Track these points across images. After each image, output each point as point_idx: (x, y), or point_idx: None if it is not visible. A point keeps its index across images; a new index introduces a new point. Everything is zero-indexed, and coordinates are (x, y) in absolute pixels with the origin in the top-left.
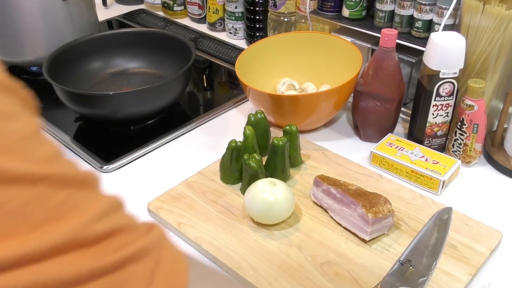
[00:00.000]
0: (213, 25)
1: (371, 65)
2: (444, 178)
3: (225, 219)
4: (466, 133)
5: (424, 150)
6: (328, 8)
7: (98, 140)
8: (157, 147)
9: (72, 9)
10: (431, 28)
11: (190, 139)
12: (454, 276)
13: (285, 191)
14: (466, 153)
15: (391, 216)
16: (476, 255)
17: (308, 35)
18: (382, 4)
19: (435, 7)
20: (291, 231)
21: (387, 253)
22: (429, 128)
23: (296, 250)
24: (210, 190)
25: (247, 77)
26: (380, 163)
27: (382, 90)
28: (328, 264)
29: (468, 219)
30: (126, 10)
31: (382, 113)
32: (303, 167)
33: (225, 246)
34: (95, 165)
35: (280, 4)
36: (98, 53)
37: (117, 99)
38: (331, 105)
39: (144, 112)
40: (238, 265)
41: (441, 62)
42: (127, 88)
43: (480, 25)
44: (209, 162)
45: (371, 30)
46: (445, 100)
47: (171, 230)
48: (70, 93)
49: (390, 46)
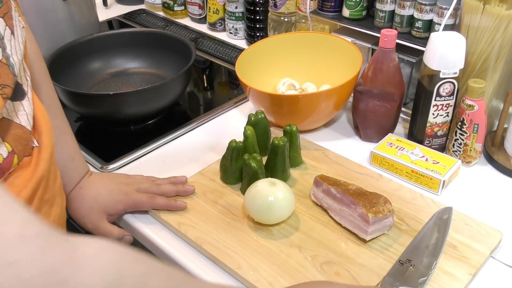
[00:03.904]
0: (213, 25)
1: (371, 66)
2: (444, 178)
3: (225, 219)
4: (466, 133)
5: (424, 150)
6: (328, 8)
7: (98, 140)
8: (158, 147)
9: (72, 9)
10: (431, 28)
11: (190, 139)
12: (454, 276)
13: (285, 191)
14: (466, 153)
15: (391, 216)
16: (476, 255)
17: (308, 35)
18: (382, 4)
19: (435, 7)
20: (291, 231)
21: (387, 253)
22: (430, 128)
23: (296, 250)
24: (210, 190)
25: (247, 77)
26: (380, 163)
27: (382, 90)
28: (328, 264)
29: (468, 219)
30: (126, 10)
31: (382, 113)
32: (303, 167)
33: (225, 246)
34: (95, 165)
35: (281, 4)
36: (98, 53)
37: (117, 99)
38: (331, 105)
39: (144, 112)
40: (238, 265)
41: (441, 62)
42: (128, 88)
43: (480, 25)
44: (209, 162)
45: (371, 30)
46: (445, 100)
47: (172, 230)
48: (71, 93)
49: (390, 46)
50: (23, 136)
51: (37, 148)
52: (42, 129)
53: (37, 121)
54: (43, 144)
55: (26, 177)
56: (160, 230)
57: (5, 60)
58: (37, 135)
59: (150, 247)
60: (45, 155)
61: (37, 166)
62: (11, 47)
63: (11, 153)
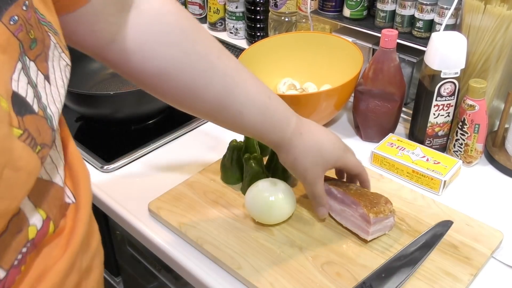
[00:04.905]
0: (213, 25)
1: (371, 66)
2: (445, 178)
3: (226, 219)
4: (467, 133)
5: (425, 150)
6: (329, 8)
7: (98, 140)
8: (158, 147)
9: None
10: (432, 28)
11: (191, 139)
12: (455, 277)
13: (286, 191)
14: (467, 153)
15: (392, 216)
16: (478, 255)
17: (309, 35)
18: (383, 4)
19: (436, 7)
20: (292, 231)
21: (388, 253)
22: (430, 128)
23: (297, 250)
24: (211, 190)
25: None
26: (381, 163)
27: (383, 90)
28: (329, 264)
29: (469, 219)
30: None
31: (383, 113)
32: None
33: (226, 246)
34: (95, 165)
35: (281, 4)
36: None
37: (117, 99)
38: (332, 105)
39: (144, 112)
40: (239, 265)
41: (442, 62)
42: (128, 88)
43: (481, 25)
44: (210, 162)
45: (372, 30)
46: (446, 100)
47: (172, 230)
48: (71, 93)
49: (391, 46)
50: (56, 195)
51: (73, 205)
52: (79, 179)
53: (71, 168)
54: (81, 200)
55: (61, 244)
56: (161, 230)
57: (42, 112)
58: (72, 186)
59: (150, 247)
60: (83, 215)
61: (74, 230)
62: (47, 95)
63: (46, 221)
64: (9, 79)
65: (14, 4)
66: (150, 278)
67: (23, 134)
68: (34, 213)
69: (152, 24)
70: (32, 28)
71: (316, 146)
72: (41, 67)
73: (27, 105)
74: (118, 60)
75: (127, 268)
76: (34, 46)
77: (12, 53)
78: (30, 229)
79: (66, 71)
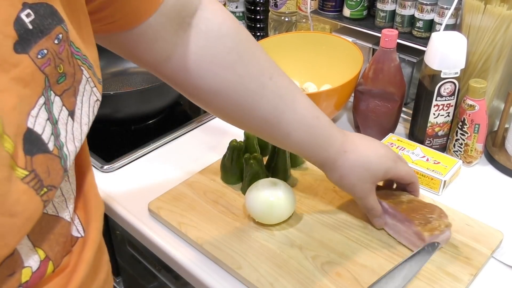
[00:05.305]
0: None
1: (371, 66)
2: (445, 178)
3: (226, 219)
4: (467, 133)
5: (425, 150)
6: (329, 8)
7: (98, 140)
8: (158, 146)
9: None
10: (432, 28)
11: (191, 139)
12: (455, 277)
13: (286, 191)
14: (467, 153)
15: (448, 230)
16: (477, 255)
17: (309, 35)
18: (383, 4)
19: (436, 7)
20: (292, 231)
21: (388, 253)
22: (430, 128)
23: (297, 250)
24: (211, 190)
25: None
26: None
27: (383, 90)
28: (329, 264)
29: (469, 219)
30: None
31: (383, 113)
32: (304, 167)
33: (226, 246)
34: (96, 165)
35: (281, 4)
36: (99, 53)
37: (118, 99)
38: (332, 105)
39: (145, 112)
40: (239, 265)
41: (442, 62)
42: (128, 87)
43: (482, 25)
44: (210, 162)
45: (372, 30)
46: (446, 100)
47: (172, 230)
48: None
49: (391, 46)
50: (61, 231)
51: (81, 239)
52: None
53: (85, 198)
54: (90, 234)
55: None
56: (161, 230)
57: (57, 150)
58: (84, 218)
59: (150, 247)
60: (89, 252)
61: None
62: (67, 133)
63: (44, 262)
64: (26, 115)
65: (46, 37)
66: (150, 278)
67: (28, 176)
68: (31, 254)
69: (210, 47)
70: (62, 62)
71: (362, 162)
72: (67, 103)
73: (41, 143)
74: (173, 76)
75: (127, 268)
76: (62, 80)
77: (36, 87)
78: (24, 272)
79: (95, 106)
